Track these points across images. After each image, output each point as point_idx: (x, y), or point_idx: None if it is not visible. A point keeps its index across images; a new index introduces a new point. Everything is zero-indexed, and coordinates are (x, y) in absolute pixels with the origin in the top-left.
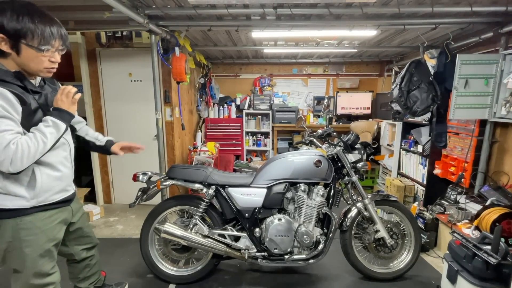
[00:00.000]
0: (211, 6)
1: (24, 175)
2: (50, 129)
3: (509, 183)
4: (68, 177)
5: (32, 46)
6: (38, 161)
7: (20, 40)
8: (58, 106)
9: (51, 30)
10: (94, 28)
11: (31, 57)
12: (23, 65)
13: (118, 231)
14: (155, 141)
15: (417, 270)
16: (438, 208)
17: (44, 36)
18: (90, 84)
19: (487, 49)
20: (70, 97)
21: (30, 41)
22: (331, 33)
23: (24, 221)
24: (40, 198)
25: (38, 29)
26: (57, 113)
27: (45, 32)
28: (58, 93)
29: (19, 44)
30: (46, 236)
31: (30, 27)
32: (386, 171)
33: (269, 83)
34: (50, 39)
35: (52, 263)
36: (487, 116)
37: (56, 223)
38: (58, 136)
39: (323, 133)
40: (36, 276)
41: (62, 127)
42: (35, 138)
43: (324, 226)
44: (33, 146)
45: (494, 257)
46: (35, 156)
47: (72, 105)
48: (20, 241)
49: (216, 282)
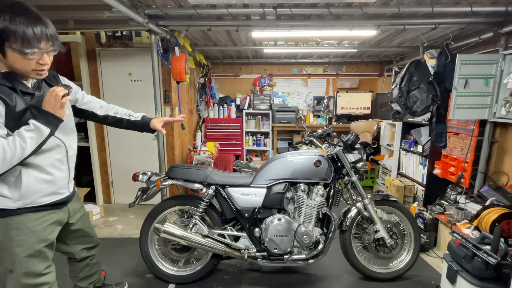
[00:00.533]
0: (211, 6)
1: (10, 176)
2: (30, 134)
3: (509, 183)
4: (61, 180)
5: (15, 49)
6: (26, 163)
7: (4, 43)
8: (44, 109)
9: (34, 31)
10: (94, 27)
11: (17, 60)
12: (12, 67)
13: (117, 231)
14: (154, 141)
15: (416, 270)
16: (437, 208)
17: (26, 39)
18: (90, 84)
19: (487, 49)
20: (58, 100)
21: (13, 44)
22: (331, 33)
23: (14, 220)
24: (27, 200)
25: (19, 31)
26: (42, 116)
27: (27, 34)
28: (47, 94)
29: (3, 48)
30: (36, 236)
31: (11, 29)
32: (386, 171)
33: (269, 83)
34: (33, 42)
35: (45, 263)
36: (486, 116)
37: (48, 224)
38: (40, 141)
39: (323, 133)
40: (27, 276)
41: (45, 132)
42: (13, 143)
43: (324, 226)
44: (9, 151)
45: (494, 257)
46: (12, 162)
47: (59, 109)
48: (10, 241)
49: (215, 282)
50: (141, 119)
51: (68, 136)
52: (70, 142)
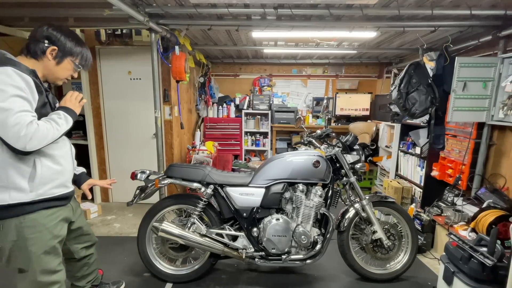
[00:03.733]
0: (212, 5)
1: (25, 165)
2: (61, 121)
3: (506, 185)
4: (68, 173)
5: (74, 62)
6: (40, 152)
7: (67, 56)
8: (65, 105)
9: (89, 56)
10: (94, 25)
11: (65, 69)
12: (52, 71)
13: (115, 230)
14: (153, 139)
15: (413, 271)
16: (435, 210)
17: (85, 60)
18: (89, 82)
19: (486, 52)
20: (77, 101)
21: (75, 60)
22: (331, 34)
23: (27, 219)
24: (40, 191)
25: (84, 54)
26: (65, 109)
27: (87, 56)
28: (67, 95)
29: (64, 58)
30: (50, 233)
31: (80, 51)
32: (384, 173)
33: (269, 83)
34: (86, 62)
35: (58, 259)
36: (484, 119)
37: (59, 221)
38: (67, 128)
39: (322, 134)
40: (43, 273)
41: (70, 121)
42: (51, 124)
43: (322, 227)
44: (51, 130)
45: (490, 259)
46: (49, 140)
47: (77, 108)
48: (25, 240)
49: (213, 281)
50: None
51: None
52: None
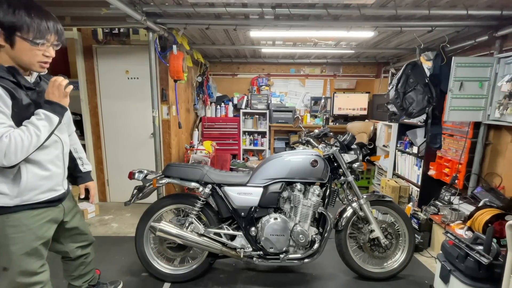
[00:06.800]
0: (210, 5)
1: (9, 172)
2: (42, 122)
3: (502, 184)
4: (58, 177)
5: (27, 39)
6: (26, 159)
7: (15, 33)
8: (49, 99)
9: (47, 24)
10: (91, 24)
11: (25, 50)
12: (16, 58)
13: (113, 229)
14: (151, 139)
15: (410, 270)
16: (432, 209)
17: (39, 30)
18: (86, 81)
19: (482, 52)
20: (61, 89)
21: (25, 34)
22: (329, 34)
23: (11, 218)
24: (25, 197)
25: (34, 23)
26: (48, 106)
27: (41, 26)
28: (49, 85)
29: (13, 36)
30: (33, 234)
31: (26, 21)
32: (381, 172)
33: (267, 83)
34: (45, 33)
35: (39, 262)
36: (481, 118)
37: (44, 222)
38: (51, 129)
39: (319, 133)
40: (22, 274)
41: (54, 120)
42: (28, 131)
43: (320, 226)
44: (26, 139)
45: (486, 257)
46: (28, 150)
47: (63, 98)
48: (7, 239)
49: (211, 281)
50: (83, 173)
51: (63, 134)
52: (66, 139)
